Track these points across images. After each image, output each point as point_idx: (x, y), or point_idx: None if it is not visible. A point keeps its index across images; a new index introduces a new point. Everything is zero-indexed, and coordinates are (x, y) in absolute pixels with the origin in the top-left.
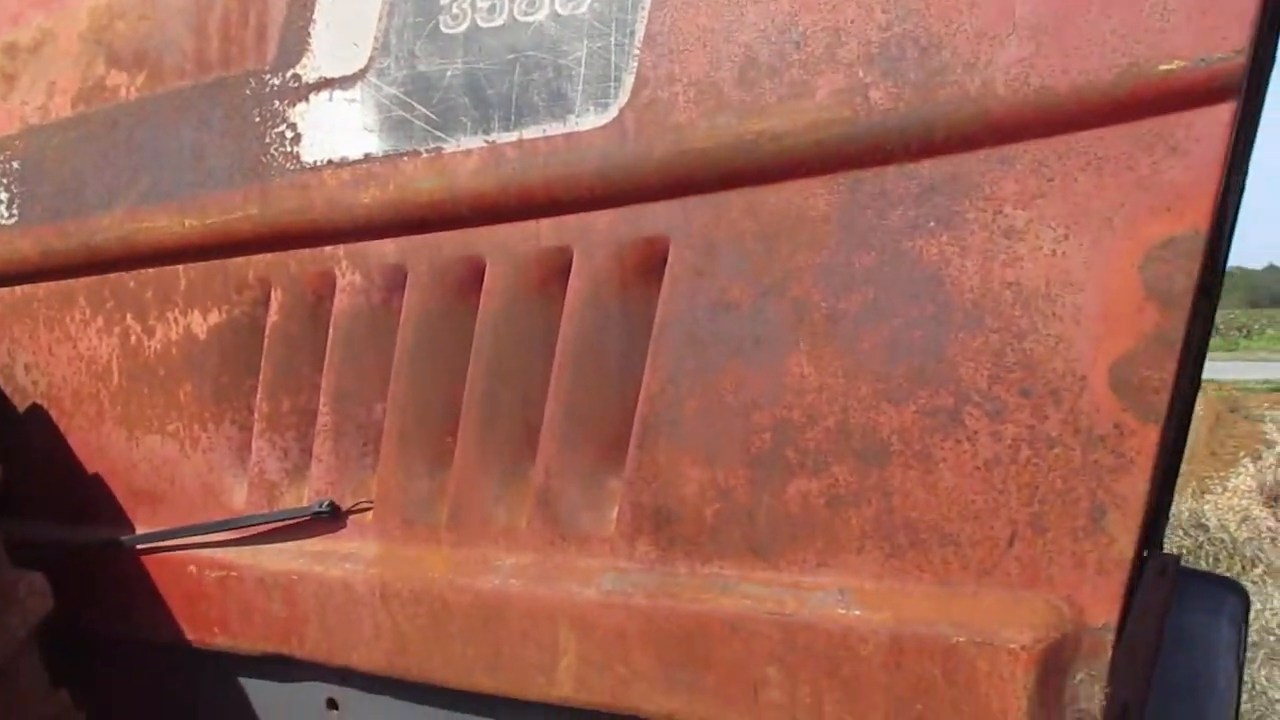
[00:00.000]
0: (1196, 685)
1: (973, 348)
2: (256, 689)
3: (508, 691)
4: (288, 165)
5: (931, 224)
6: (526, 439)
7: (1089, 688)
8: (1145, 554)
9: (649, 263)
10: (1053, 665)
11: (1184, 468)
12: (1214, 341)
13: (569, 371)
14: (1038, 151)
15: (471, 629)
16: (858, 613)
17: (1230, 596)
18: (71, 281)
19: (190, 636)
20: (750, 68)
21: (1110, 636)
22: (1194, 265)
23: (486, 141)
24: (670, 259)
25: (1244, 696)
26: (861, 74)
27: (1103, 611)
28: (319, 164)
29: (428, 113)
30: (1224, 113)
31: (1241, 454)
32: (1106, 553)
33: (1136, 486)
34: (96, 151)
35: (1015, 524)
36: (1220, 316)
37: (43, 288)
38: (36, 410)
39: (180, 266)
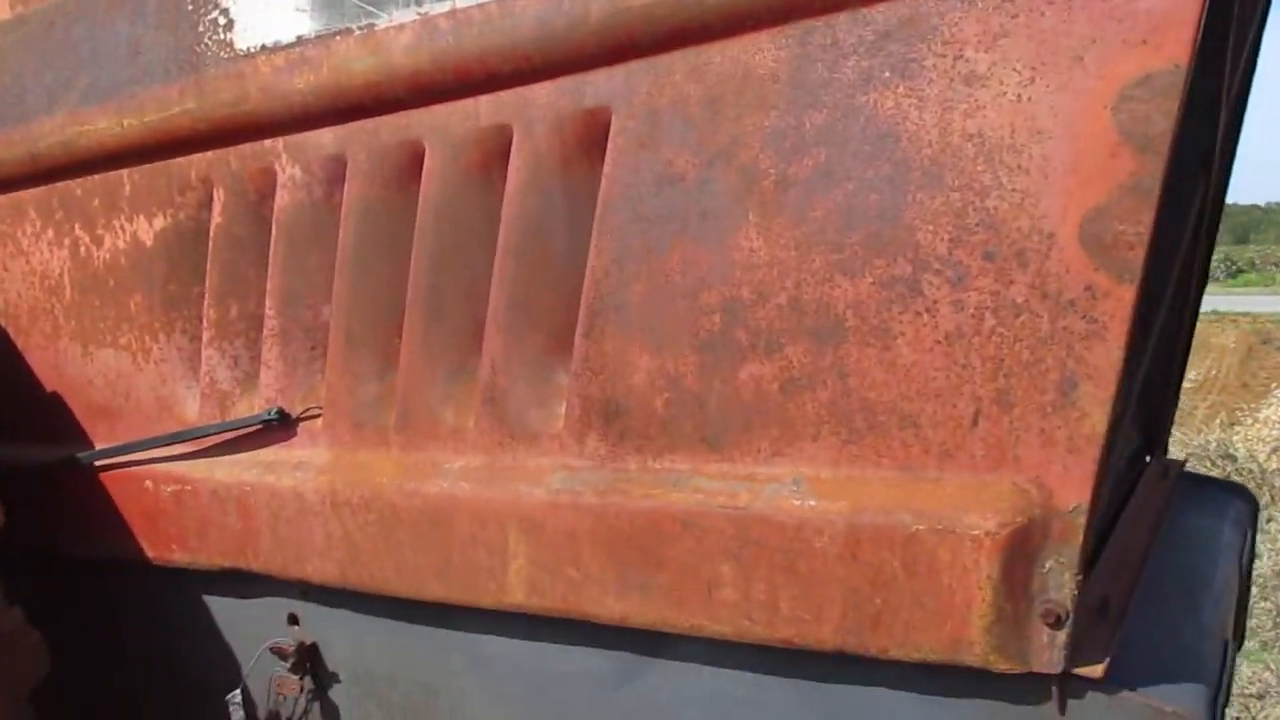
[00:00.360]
0: (1193, 583)
1: (932, 209)
2: (219, 606)
3: (459, 599)
4: (221, 54)
5: (887, 74)
6: (474, 334)
7: (1059, 576)
8: (1148, 457)
9: (592, 137)
10: (1019, 552)
11: (1214, 398)
12: (1249, 276)
13: (512, 259)
14: None
15: (421, 535)
16: (812, 503)
17: (1236, 501)
18: (20, 193)
19: (150, 554)
20: None
21: (1082, 520)
22: (1173, 104)
23: (419, 14)
24: (612, 131)
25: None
26: None
27: (1073, 493)
28: (253, 50)
29: None
30: None
31: (1273, 385)
32: (1077, 429)
33: (1110, 354)
34: (34, 53)
35: (979, 401)
36: (1256, 252)
37: None
38: None
39: (124, 171)
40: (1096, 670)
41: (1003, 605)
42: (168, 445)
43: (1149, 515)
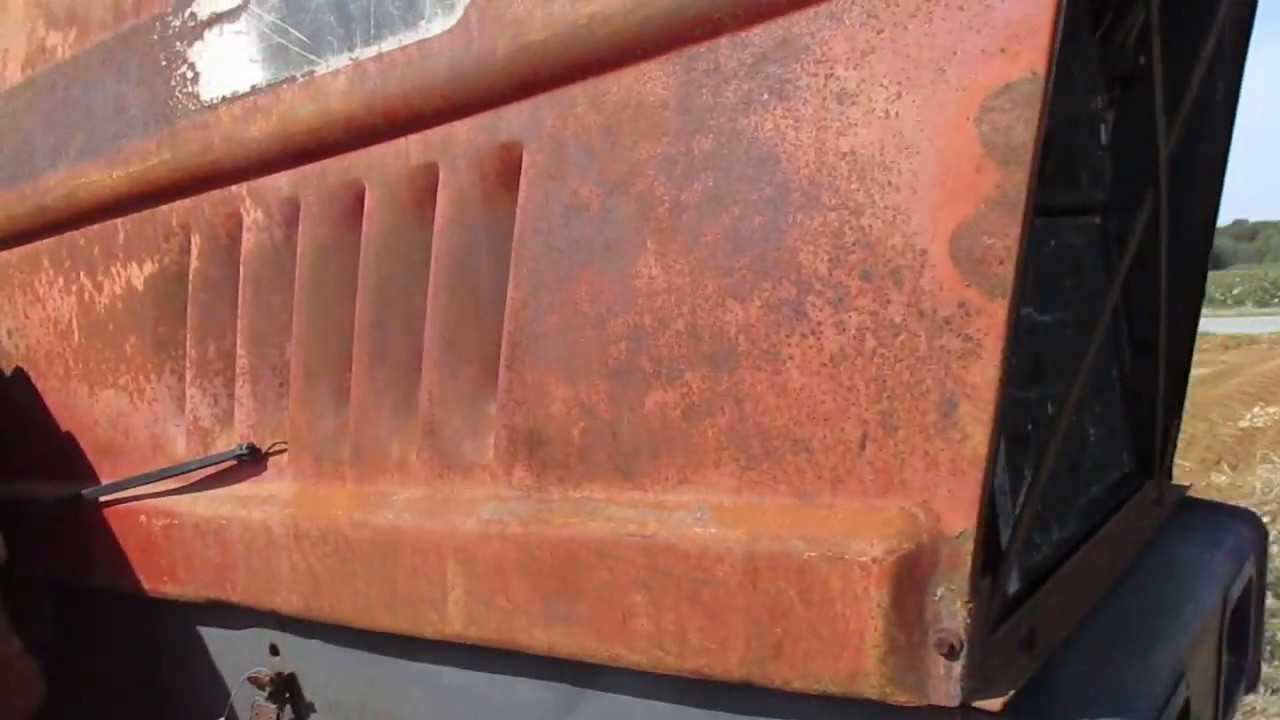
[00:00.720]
0: (1155, 615)
1: (812, 230)
2: (210, 636)
3: (406, 630)
4: (190, 106)
5: (765, 96)
6: (415, 368)
7: (950, 604)
8: (1142, 479)
9: (508, 171)
10: (908, 580)
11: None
12: None
13: (444, 293)
14: (864, 1)
15: (371, 567)
16: (714, 531)
17: (1239, 527)
18: (36, 244)
19: (146, 585)
20: None
21: (969, 546)
22: (1033, 113)
23: (351, 59)
24: (524, 164)
25: None
26: None
27: (959, 518)
28: (215, 101)
29: (301, 36)
30: None
31: None
32: (959, 450)
33: (986, 373)
34: (41, 113)
35: (866, 424)
36: None
37: (15, 253)
38: (19, 373)
39: (118, 220)
40: (995, 704)
41: (896, 635)
42: (156, 481)
43: (1123, 543)
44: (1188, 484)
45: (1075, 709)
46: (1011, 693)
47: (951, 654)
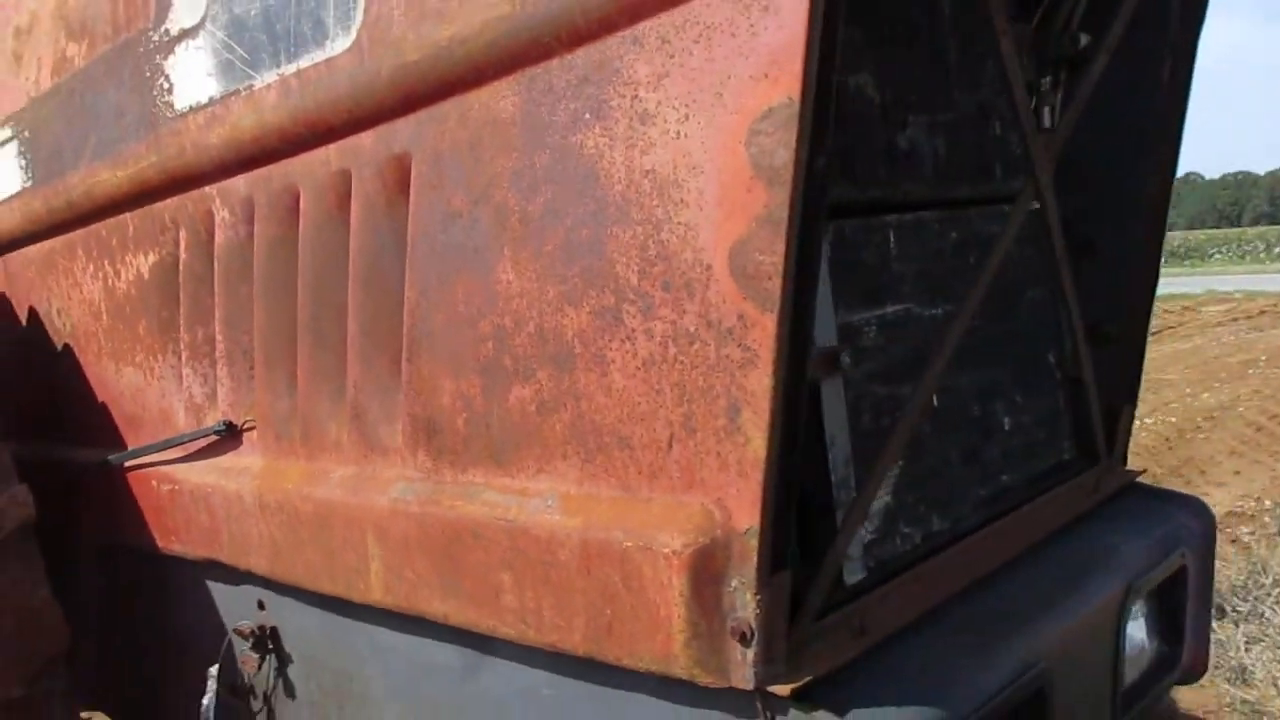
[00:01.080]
0: (1022, 607)
1: (624, 242)
2: (213, 589)
3: (342, 595)
4: (168, 114)
5: (587, 116)
6: (346, 357)
7: (742, 595)
8: (1084, 466)
9: (403, 180)
10: (704, 571)
11: None
12: None
13: (360, 289)
14: (660, 27)
15: (315, 536)
16: (558, 519)
17: (1176, 519)
18: (72, 234)
19: (160, 544)
20: None
21: (754, 542)
22: (791, 136)
23: (279, 75)
24: (412, 174)
25: None
26: None
27: (746, 516)
28: (186, 110)
29: (242, 52)
30: None
31: None
32: (744, 453)
33: (762, 381)
34: (64, 117)
35: (672, 425)
36: None
37: (58, 241)
38: (66, 349)
39: (128, 214)
40: (784, 690)
41: (698, 621)
42: (158, 451)
43: (1024, 532)
44: (1140, 469)
45: (884, 696)
46: (808, 679)
47: (744, 641)
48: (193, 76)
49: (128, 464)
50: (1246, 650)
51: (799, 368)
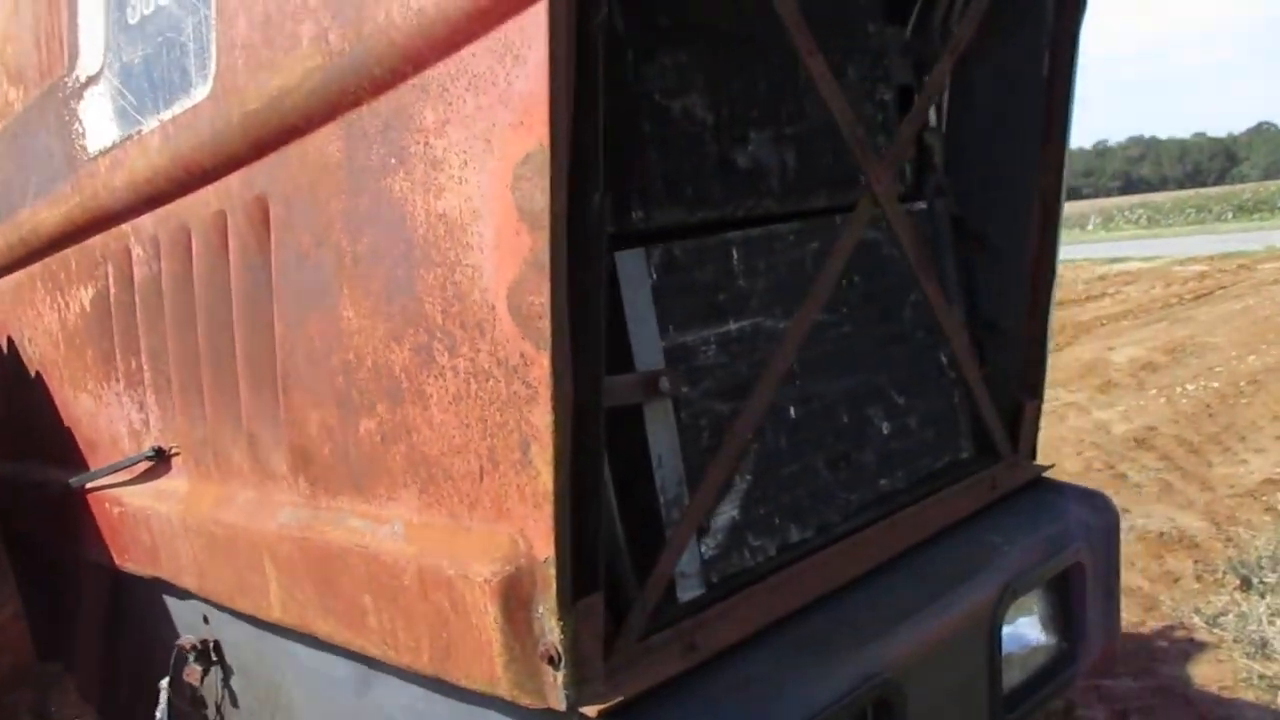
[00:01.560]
0: (884, 607)
1: (429, 283)
2: (168, 604)
3: (251, 612)
4: (83, 157)
5: (393, 161)
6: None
7: (549, 621)
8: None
9: (267, 220)
10: (514, 598)
11: None
12: None
13: (243, 324)
14: (440, 76)
15: (227, 557)
16: (402, 545)
17: (1071, 515)
18: (32, 268)
19: (116, 561)
20: (267, 24)
21: (552, 571)
22: (545, 182)
23: (159, 121)
24: (270, 215)
25: None
26: (321, 18)
27: (543, 546)
28: (96, 154)
29: (132, 99)
30: (540, 11)
31: None
32: (536, 486)
33: (544, 418)
34: (11, 157)
35: (480, 458)
36: None
37: (22, 274)
38: (38, 375)
39: (69, 250)
40: (592, 710)
41: (513, 645)
42: (105, 476)
43: (898, 537)
44: (1048, 465)
45: (704, 712)
46: (618, 700)
47: (554, 663)
48: (100, 121)
49: (86, 486)
50: (1270, 623)
51: (591, 400)
